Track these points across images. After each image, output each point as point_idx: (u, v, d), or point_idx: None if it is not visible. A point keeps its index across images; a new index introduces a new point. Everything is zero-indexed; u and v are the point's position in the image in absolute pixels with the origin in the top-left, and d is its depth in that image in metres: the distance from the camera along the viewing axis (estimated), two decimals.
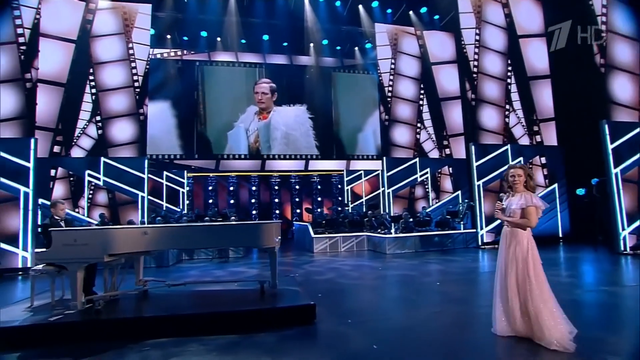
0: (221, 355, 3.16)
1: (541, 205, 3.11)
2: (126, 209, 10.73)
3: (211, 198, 15.90)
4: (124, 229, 4.17)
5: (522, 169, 3.18)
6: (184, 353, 3.22)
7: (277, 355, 3.11)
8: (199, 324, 3.70)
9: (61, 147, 10.26)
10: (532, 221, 3.05)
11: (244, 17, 12.95)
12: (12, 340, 3.46)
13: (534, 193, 3.18)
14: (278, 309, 3.97)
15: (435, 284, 5.90)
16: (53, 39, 10.24)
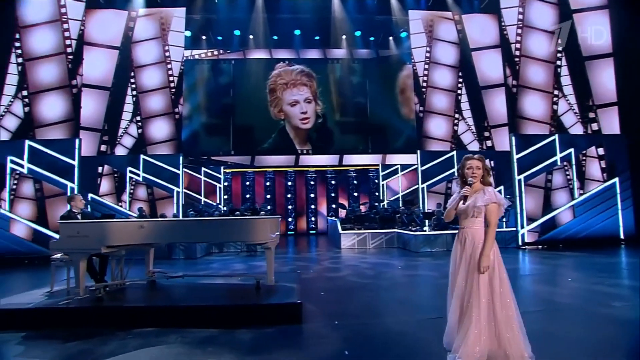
0: (193, 348, 3.22)
1: (504, 203, 2.68)
2: (163, 204, 11.43)
3: (248, 193, 16.40)
4: (121, 223, 4.42)
5: (481, 161, 2.67)
6: (161, 343, 3.32)
7: (243, 353, 3.08)
8: (184, 316, 3.81)
9: (107, 146, 11.20)
10: (495, 221, 2.67)
11: (273, 13, 13.06)
12: (25, 321, 3.83)
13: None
14: (262, 306, 3.96)
15: None
16: (98, 47, 11.16)
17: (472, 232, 2.58)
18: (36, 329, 3.72)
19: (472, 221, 2.58)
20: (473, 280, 2.50)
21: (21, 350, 3.28)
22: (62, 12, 9.11)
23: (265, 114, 15.36)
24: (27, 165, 8.51)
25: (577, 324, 3.75)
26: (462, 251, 2.58)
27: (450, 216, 2.72)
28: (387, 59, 15.47)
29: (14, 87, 8.89)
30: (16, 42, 9.09)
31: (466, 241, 2.57)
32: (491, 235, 2.54)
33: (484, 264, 2.47)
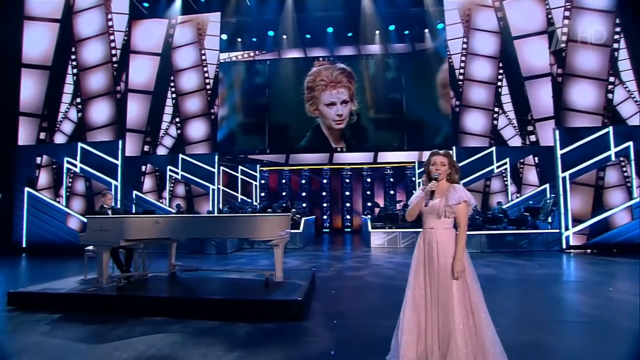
0: (190, 338, 3.41)
1: (473, 202, 2.52)
2: (200, 200, 12.09)
3: (284, 190, 16.79)
4: (138, 218, 4.78)
5: (446, 157, 2.52)
6: (164, 331, 3.57)
7: (233, 345, 3.22)
8: (190, 308, 4.05)
9: (149, 147, 12.09)
10: (465, 221, 2.47)
11: (305, 12, 13.21)
12: (57, 304, 4.31)
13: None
14: (263, 301, 4.08)
15: None
16: (142, 54, 12.07)
17: (440, 233, 2.44)
18: (65, 312, 4.17)
19: (442, 222, 2.44)
20: (446, 287, 2.35)
21: (47, 330, 3.70)
22: (109, 25, 9.97)
23: (300, 112, 15.60)
24: (80, 165, 9.45)
25: (598, 339, 3.42)
26: (429, 254, 2.43)
27: (413, 215, 2.53)
28: (423, 53, 14.97)
29: (69, 95, 9.90)
30: (72, 55, 10.10)
31: (434, 243, 2.42)
32: (463, 237, 2.42)
33: (458, 269, 2.35)
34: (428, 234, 2.47)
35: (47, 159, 9.56)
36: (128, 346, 3.23)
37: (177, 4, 12.17)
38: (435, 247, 2.41)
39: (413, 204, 2.53)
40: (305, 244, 11.41)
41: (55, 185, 9.47)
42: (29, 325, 3.85)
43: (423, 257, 2.46)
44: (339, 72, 15.37)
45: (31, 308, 4.31)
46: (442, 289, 2.35)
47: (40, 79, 9.80)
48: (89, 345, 3.30)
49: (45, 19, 10.02)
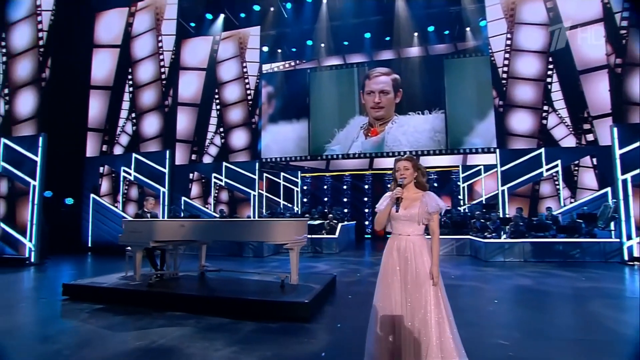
0: (198, 332, 3.73)
1: (444, 207, 2.50)
2: (242, 206, 12.76)
3: (326, 196, 17.04)
4: (165, 222, 5.27)
5: (409, 161, 2.53)
6: (179, 325, 3.93)
7: (234, 341, 3.47)
8: (206, 305, 4.40)
9: (196, 155, 13.05)
10: (438, 227, 2.47)
11: (340, 20, 13.43)
12: (97, 296, 4.92)
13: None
14: (273, 302, 4.29)
15: (491, 303, 5.00)
16: (190, 70, 13.15)
17: (416, 239, 2.43)
18: (103, 303, 4.75)
19: (418, 228, 2.44)
20: (422, 294, 2.33)
21: (85, 317, 4.26)
22: (159, 46, 11.03)
23: (339, 119, 15.80)
24: (134, 174, 10.53)
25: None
26: (404, 261, 2.40)
27: (382, 222, 2.52)
28: (465, 52, 14.39)
29: (126, 111, 11.11)
30: (129, 75, 11.33)
31: (409, 250, 2.40)
32: (439, 242, 2.46)
33: (438, 274, 2.36)
34: (404, 240, 2.44)
35: (108, 168, 10.81)
36: (144, 336, 3.62)
37: (219, 21, 13.07)
38: (411, 254, 2.39)
39: (381, 212, 2.52)
40: (343, 249, 11.50)
41: (114, 192, 10.66)
42: (73, 313, 4.46)
43: (398, 264, 2.42)
44: (392, 79, 15.32)
45: (79, 298, 4.96)
46: (417, 296, 2.34)
47: (103, 98, 11.14)
48: (112, 332, 3.76)
49: (109, 45, 11.38)
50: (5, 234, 8.23)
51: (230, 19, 13.35)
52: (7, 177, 8.44)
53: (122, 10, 11.37)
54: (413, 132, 15.00)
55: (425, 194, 2.49)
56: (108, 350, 3.30)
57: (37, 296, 5.33)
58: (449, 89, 14.65)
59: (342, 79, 15.93)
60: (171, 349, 3.29)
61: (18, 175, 8.26)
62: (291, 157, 16.10)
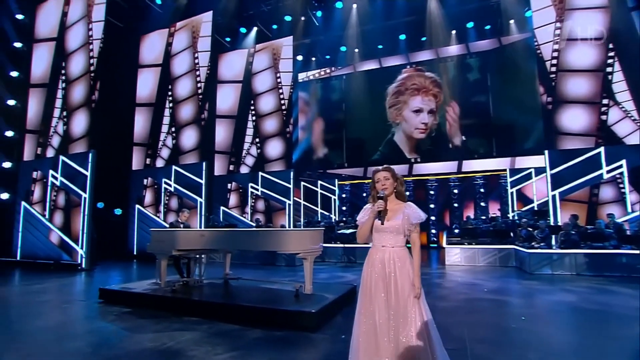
0: (208, 337, 4.01)
1: (424, 217, 2.53)
2: (278, 215, 13.18)
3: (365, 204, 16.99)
4: (187, 232, 5.67)
5: (388, 171, 2.54)
6: (192, 330, 4.25)
7: (237, 346, 3.69)
8: (220, 311, 4.71)
9: (234, 166, 13.76)
10: (420, 238, 2.49)
11: (371, 24, 13.48)
12: (128, 300, 5.44)
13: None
14: (281, 311, 4.47)
15: (517, 320, 4.74)
16: (226, 83, 13.97)
17: (399, 251, 2.45)
18: (131, 306, 5.25)
19: (401, 240, 2.47)
20: (406, 305, 2.34)
21: (112, 319, 4.76)
22: (195, 62, 11.89)
23: (376, 124, 15.77)
24: (174, 185, 11.39)
25: None
26: (387, 273, 2.41)
27: (364, 235, 2.53)
28: (510, 47, 13.69)
29: (167, 125, 12.08)
30: (169, 91, 12.33)
31: (392, 261, 2.41)
32: (420, 255, 2.49)
33: (419, 284, 2.39)
34: (387, 252, 2.45)
35: (151, 180, 11.80)
36: (157, 338, 3.98)
37: (252, 34, 13.77)
38: (394, 266, 2.42)
39: (364, 224, 2.54)
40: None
41: (156, 202, 11.60)
42: (103, 315, 5.00)
43: (382, 277, 2.43)
44: (431, 81, 15.10)
45: (112, 302, 5.53)
46: (403, 310, 2.35)
47: (146, 114, 12.24)
48: (131, 334, 4.17)
49: (151, 65, 12.51)
50: (63, 242, 9.34)
51: (263, 31, 14.00)
52: (64, 190, 9.61)
53: (162, 31, 12.45)
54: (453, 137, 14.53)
55: (406, 205, 2.53)
56: (122, 350, 3.69)
57: (78, 299, 6.02)
58: (493, 87, 14.02)
59: (378, 83, 15.91)
60: (177, 352, 3.59)
61: (72, 188, 9.37)
62: (328, 164, 16.33)
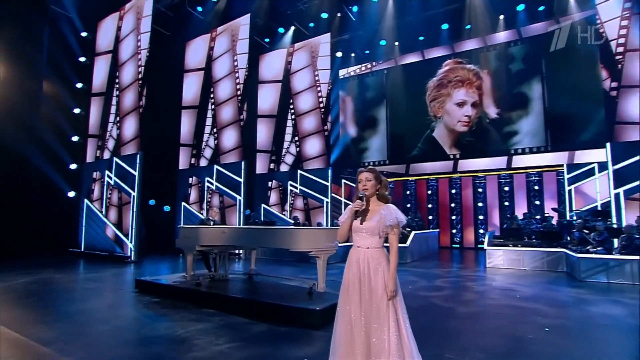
0: (216, 328, 4.34)
1: (404, 220, 2.50)
2: (316, 212, 13.43)
3: (409, 202, 16.68)
4: (208, 229, 6.08)
5: (371, 172, 2.54)
6: (206, 321, 4.60)
7: (238, 338, 3.97)
8: (233, 305, 5.04)
9: (274, 164, 14.26)
10: (397, 240, 2.49)
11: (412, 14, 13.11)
12: (158, 290, 6.01)
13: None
14: (287, 307, 4.68)
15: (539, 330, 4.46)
16: (267, 83, 14.50)
17: (375, 252, 2.49)
18: (159, 296, 5.80)
19: (378, 241, 2.51)
20: (380, 307, 2.40)
21: (140, 307, 5.33)
22: (234, 65, 12.52)
23: (418, 119, 15.37)
24: (215, 184, 12.13)
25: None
26: (363, 273, 2.47)
27: (343, 234, 2.61)
28: (567, 28, 12.49)
29: (209, 126, 12.88)
30: (211, 94, 13.12)
31: (367, 262, 2.47)
32: (396, 256, 2.49)
33: (392, 287, 2.42)
34: (363, 253, 2.51)
35: (195, 179, 12.68)
36: (172, 326, 4.40)
37: (290, 33, 14.11)
38: (369, 267, 2.47)
39: (343, 224, 2.62)
40: (417, 259, 11.22)
41: (200, 200, 12.45)
42: (134, 303, 5.59)
43: (357, 276, 2.50)
44: (473, 73, 14.49)
45: (145, 292, 6.15)
46: (375, 312, 2.41)
47: (191, 116, 13.15)
48: (151, 321, 4.64)
49: (195, 69, 13.40)
50: (116, 236, 10.44)
51: (301, 30, 14.28)
52: (117, 188, 10.72)
53: (205, 36, 13.26)
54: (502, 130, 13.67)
55: (385, 206, 2.55)
56: (138, 335, 4.15)
57: (118, 287, 6.75)
58: (547, 74, 12.96)
59: (421, 76, 15.46)
60: (184, 340, 3.95)
61: (123, 187, 10.42)
62: (369, 161, 16.24)
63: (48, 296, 6.08)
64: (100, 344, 3.90)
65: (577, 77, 12.20)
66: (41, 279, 7.30)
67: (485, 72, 14.23)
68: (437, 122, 14.95)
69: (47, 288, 6.65)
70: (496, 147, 13.74)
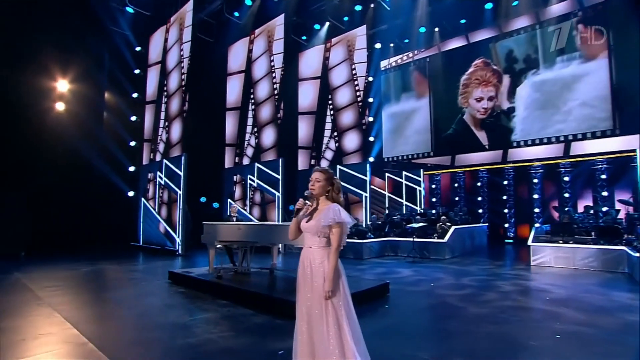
0: (220, 317, 4.72)
1: (349, 222, 2.49)
2: (356, 207, 13.50)
3: (457, 195, 15.99)
4: (226, 225, 6.50)
5: (323, 173, 2.53)
6: (216, 311, 5.02)
7: (232, 328, 4.30)
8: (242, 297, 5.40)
9: (314, 160, 14.56)
10: (338, 242, 2.46)
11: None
12: (185, 282, 6.61)
13: (340, 204, 2.56)
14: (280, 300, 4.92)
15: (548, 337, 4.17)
16: (306, 80, 14.81)
17: (317, 252, 2.53)
18: (185, 287, 6.39)
19: (320, 241, 2.54)
20: (320, 307, 2.45)
21: (165, 295, 5.95)
22: (271, 64, 12.98)
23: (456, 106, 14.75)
24: (257, 181, 12.76)
25: None
26: (305, 274, 2.55)
27: (292, 232, 2.70)
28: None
29: (250, 126, 13.54)
30: (251, 95, 13.75)
31: (309, 262, 2.54)
32: (334, 257, 2.48)
33: (327, 288, 2.44)
34: (308, 252, 2.56)
35: (239, 177, 13.44)
36: (182, 315, 4.88)
37: (324, 29, 14.20)
38: (310, 266, 2.54)
39: (292, 222, 2.71)
40: (457, 255, 10.79)
41: (244, 197, 13.17)
42: (162, 292, 6.23)
43: (302, 276, 2.59)
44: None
45: (175, 282, 6.79)
46: (317, 311, 2.48)
47: (234, 117, 13.92)
48: (169, 309, 5.17)
49: (236, 72, 14.13)
50: (167, 231, 11.52)
51: (336, 24, 14.31)
52: (166, 188, 11.80)
53: (244, 40, 13.91)
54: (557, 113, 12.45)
55: (327, 206, 2.57)
56: (151, 321, 4.68)
57: (155, 278, 7.50)
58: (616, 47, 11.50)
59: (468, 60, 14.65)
60: (186, 327, 4.38)
61: (172, 186, 11.44)
62: (412, 154, 15.83)
63: (94, 283, 7.02)
64: (114, 327, 4.48)
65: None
66: (98, 269, 8.40)
67: (533, 48, 13.09)
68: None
69: (98, 276, 7.66)
70: (551, 132, 12.60)
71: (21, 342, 3.82)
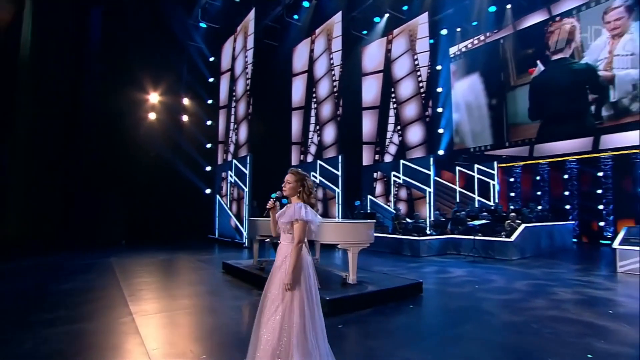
0: (245, 305, 5.21)
1: (311, 220, 2.57)
2: (419, 203, 13.09)
3: (540, 190, 14.43)
4: (261, 220, 6.94)
5: (294, 175, 2.64)
6: (245, 300, 5.55)
7: (246, 317, 4.73)
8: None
9: (379, 155, 14.47)
10: (299, 238, 2.59)
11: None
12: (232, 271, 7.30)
13: (311, 205, 2.65)
14: None
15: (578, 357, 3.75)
16: (370, 75, 14.76)
17: (286, 247, 2.68)
18: (234, 276, 7.08)
19: (285, 237, 2.71)
20: (272, 300, 2.61)
21: (214, 284, 6.66)
22: (331, 63, 13.26)
23: None
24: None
25: None
26: (274, 267, 2.71)
27: (271, 229, 2.92)
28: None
29: (313, 124, 14.02)
30: (313, 94, 14.20)
31: (278, 257, 2.70)
32: (295, 253, 2.59)
33: (286, 281, 2.56)
34: (279, 247, 2.76)
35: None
36: (221, 300, 5.50)
37: (384, 21, 13.92)
38: (279, 260, 2.74)
39: (271, 219, 2.94)
40: (528, 256, 9.84)
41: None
42: (212, 281, 6.99)
43: (272, 268, 2.74)
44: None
45: (227, 273, 7.54)
46: (269, 302, 2.65)
47: (299, 116, 14.58)
48: (208, 295, 5.82)
49: (299, 72, 14.72)
50: (236, 226, 12.64)
51: (396, 15, 13.93)
52: (236, 186, 12.93)
53: (306, 41, 14.40)
54: None
55: (292, 204, 2.72)
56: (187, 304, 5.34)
57: (214, 268, 8.35)
58: None
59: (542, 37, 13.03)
60: (207, 309, 4.98)
61: (240, 184, 12.51)
62: (485, 145, 14.68)
63: (161, 270, 8.13)
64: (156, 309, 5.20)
65: None
66: (172, 257, 9.69)
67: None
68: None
69: (169, 264, 8.84)
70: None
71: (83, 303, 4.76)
